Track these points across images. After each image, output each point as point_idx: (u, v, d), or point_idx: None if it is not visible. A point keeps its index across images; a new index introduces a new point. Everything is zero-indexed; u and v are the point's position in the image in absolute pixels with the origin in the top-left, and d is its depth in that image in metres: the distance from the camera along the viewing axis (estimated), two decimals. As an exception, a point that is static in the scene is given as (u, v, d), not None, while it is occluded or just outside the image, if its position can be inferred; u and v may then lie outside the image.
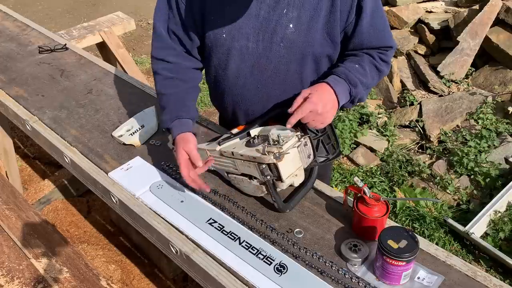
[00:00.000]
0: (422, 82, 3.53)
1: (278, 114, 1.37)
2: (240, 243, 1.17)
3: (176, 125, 1.34)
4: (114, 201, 1.39)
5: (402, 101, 3.42)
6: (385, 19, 1.30)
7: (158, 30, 1.38)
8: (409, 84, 3.51)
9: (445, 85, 3.41)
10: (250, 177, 1.24)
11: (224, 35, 1.29)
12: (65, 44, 2.26)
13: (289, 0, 1.22)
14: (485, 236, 2.47)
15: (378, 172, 2.95)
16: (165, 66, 1.40)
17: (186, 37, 1.37)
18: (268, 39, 1.27)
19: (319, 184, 1.37)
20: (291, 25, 1.24)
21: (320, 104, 1.17)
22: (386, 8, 3.77)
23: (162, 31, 1.37)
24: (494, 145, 2.93)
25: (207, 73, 1.46)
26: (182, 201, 1.32)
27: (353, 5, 1.22)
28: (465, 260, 2.01)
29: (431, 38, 3.63)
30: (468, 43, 3.39)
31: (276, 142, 1.16)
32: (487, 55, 3.48)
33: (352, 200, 1.20)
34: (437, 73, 3.47)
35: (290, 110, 1.19)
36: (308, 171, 1.32)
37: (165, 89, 1.39)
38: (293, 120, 1.17)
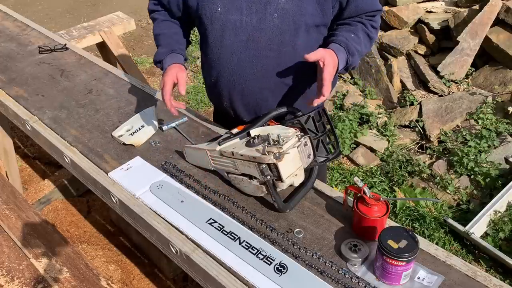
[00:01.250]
0: (422, 82, 3.53)
1: (278, 115, 1.37)
2: (240, 243, 1.17)
3: (171, 57, 1.49)
4: (114, 201, 1.39)
5: (402, 101, 3.42)
6: None
7: None
8: (409, 84, 3.51)
9: (445, 85, 3.41)
10: (250, 177, 1.24)
11: (219, 9, 1.34)
12: (65, 44, 2.26)
13: None
14: (485, 236, 2.47)
15: (378, 172, 2.95)
16: (160, 13, 1.59)
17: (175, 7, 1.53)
18: (262, 10, 1.32)
19: (319, 184, 1.37)
20: None
21: (333, 70, 1.28)
22: (386, 8, 3.77)
23: None
24: (494, 145, 2.93)
25: (203, 60, 1.54)
26: (182, 201, 1.32)
27: None
28: (465, 260, 2.01)
29: (431, 38, 3.63)
30: (468, 43, 3.39)
31: (276, 142, 1.16)
32: (487, 55, 3.48)
33: (352, 200, 1.20)
34: (437, 73, 3.47)
35: (307, 57, 1.24)
36: (308, 171, 1.32)
37: (161, 30, 1.57)
38: (326, 85, 1.25)
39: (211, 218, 1.25)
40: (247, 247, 1.16)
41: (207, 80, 1.58)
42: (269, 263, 1.12)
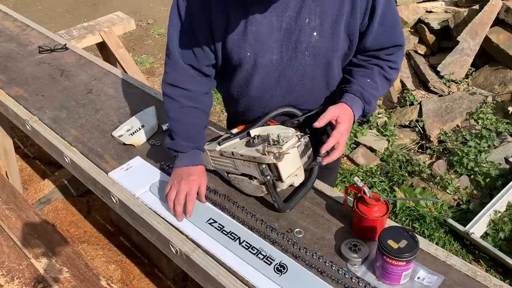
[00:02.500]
0: (422, 82, 3.53)
1: (278, 115, 1.37)
2: (240, 243, 1.17)
3: (195, 154, 1.33)
4: (114, 201, 1.40)
5: (402, 101, 3.41)
6: (396, 17, 1.29)
7: (172, 51, 1.31)
8: (409, 84, 3.51)
9: (445, 85, 3.41)
10: (250, 177, 1.24)
11: (248, 54, 1.27)
12: (65, 44, 2.26)
13: (310, 9, 1.20)
14: (485, 236, 2.47)
15: (378, 172, 2.94)
16: (183, 93, 1.34)
17: (200, 52, 1.30)
18: (293, 49, 1.26)
19: (319, 184, 1.37)
20: (315, 33, 1.23)
21: (348, 128, 1.22)
22: (386, 8, 3.77)
23: (176, 51, 1.31)
24: (494, 145, 2.93)
25: (228, 89, 1.43)
26: (182, 201, 1.32)
27: (369, 6, 1.21)
28: (465, 260, 2.01)
29: (431, 38, 3.63)
30: (468, 43, 3.39)
31: (276, 142, 1.16)
32: (487, 55, 3.48)
33: (352, 200, 1.20)
34: (437, 73, 3.47)
35: (316, 125, 1.20)
36: (308, 171, 1.32)
37: (183, 116, 1.35)
38: (330, 144, 1.18)
39: (211, 218, 1.25)
40: (247, 247, 1.16)
41: (232, 107, 1.50)
42: (269, 263, 1.12)
